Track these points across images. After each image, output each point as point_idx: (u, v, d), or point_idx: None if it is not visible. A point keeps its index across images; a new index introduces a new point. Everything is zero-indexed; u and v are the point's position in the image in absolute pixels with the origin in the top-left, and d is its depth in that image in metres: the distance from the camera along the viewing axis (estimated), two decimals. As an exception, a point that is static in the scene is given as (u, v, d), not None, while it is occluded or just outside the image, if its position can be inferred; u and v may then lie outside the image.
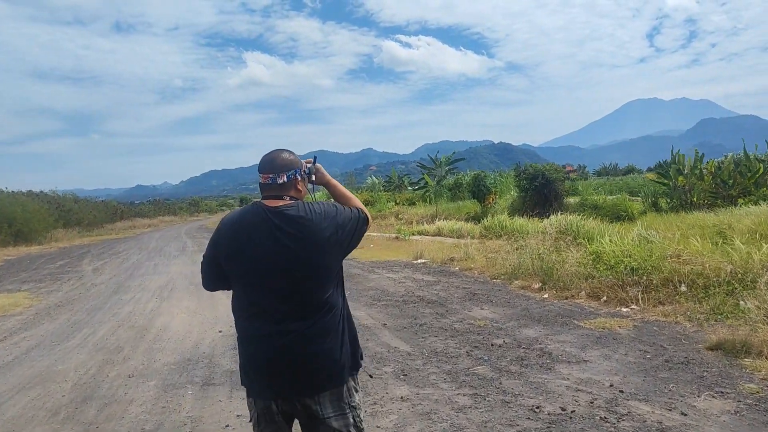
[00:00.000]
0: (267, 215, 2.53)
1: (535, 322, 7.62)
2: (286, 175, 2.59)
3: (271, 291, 2.50)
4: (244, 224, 2.57)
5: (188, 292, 12.18)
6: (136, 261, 20.19)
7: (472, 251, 14.28)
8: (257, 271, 2.51)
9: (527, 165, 25.86)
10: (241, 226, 2.57)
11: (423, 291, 10.36)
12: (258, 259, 2.50)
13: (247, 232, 2.53)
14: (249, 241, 2.52)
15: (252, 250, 2.51)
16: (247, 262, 2.52)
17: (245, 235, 2.54)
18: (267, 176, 2.59)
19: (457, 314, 8.28)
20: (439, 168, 49.66)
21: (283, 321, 2.49)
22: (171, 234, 39.73)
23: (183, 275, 15.23)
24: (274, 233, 2.49)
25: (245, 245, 2.52)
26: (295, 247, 2.48)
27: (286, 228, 2.49)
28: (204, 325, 8.76)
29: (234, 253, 2.56)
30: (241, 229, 2.56)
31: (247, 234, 2.53)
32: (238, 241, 2.55)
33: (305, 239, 2.49)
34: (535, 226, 18.00)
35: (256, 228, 2.52)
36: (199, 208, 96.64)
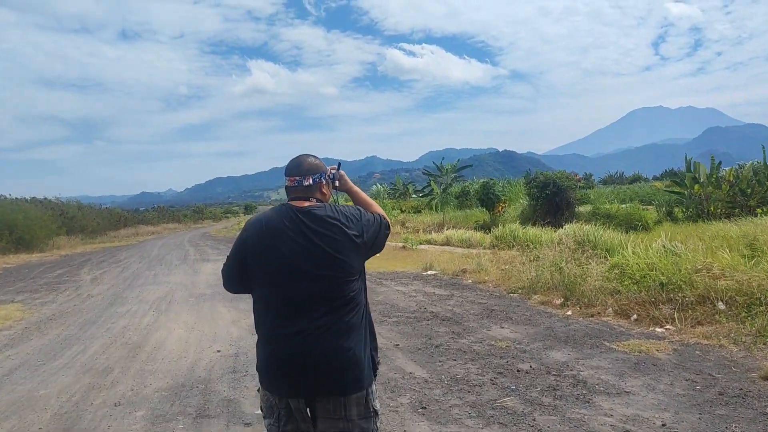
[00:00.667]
0: (296, 214, 2.62)
1: (562, 343, 6.97)
2: (312, 178, 2.71)
3: (298, 288, 2.55)
4: (272, 223, 2.64)
5: (187, 304, 11.56)
6: (136, 270, 19.60)
7: (485, 263, 13.64)
8: (285, 268, 2.56)
9: (538, 173, 25.23)
10: (269, 225, 2.64)
11: (436, 306, 9.72)
12: (286, 256, 2.56)
13: (275, 231, 2.61)
14: (277, 239, 2.59)
15: (280, 247, 2.57)
16: (275, 259, 2.57)
17: (273, 233, 2.61)
18: (293, 179, 2.71)
19: (475, 333, 7.64)
20: (444, 175, 49.15)
21: (310, 318, 2.53)
22: (174, 242, 39.17)
23: (183, 286, 14.62)
24: (302, 231, 2.58)
25: (273, 243, 2.59)
26: (322, 244, 2.56)
27: (314, 226, 2.59)
28: (202, 342, 8.14)
29: (262, 251, 2.62)
30: (269, 228, 2.63)
31: (276, 233, 2.60)
32: (266, 240, 2.62)
33: (332, 237, 2.58)
34: (549, 236, 17.38)
35: (284, 227, 2.60)
36: (203, 216, 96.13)
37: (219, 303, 11.57)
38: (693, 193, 23.15)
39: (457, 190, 38.80)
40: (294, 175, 2.72)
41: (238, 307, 10.91)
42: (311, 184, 2.71)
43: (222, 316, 10.09)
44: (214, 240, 37.85)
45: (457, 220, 29.47)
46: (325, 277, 2.56)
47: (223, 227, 58.80)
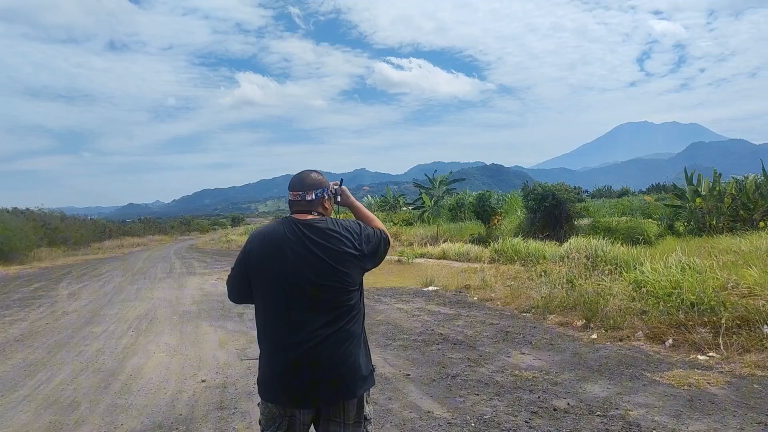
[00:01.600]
0: (298, 227, 2.68)
1: (596, 373, 6.12)
2: (314, 193, 2.78)
3: (300, 298, 2.61)
4: (276, 236, 2.70)
5: (170, 323, 10.63)
6: (117, 284, 18.60)
7: (490, 278, 12.80)
8: (287, 279, 2.61)
9: (536, 184, 24.49)
10: (273, 237, 2.70)
11: (444, 327, 8.86)
12: (288, 267, 2.62)
13: (278, 243, 2.66)
14: (280, 251, 2.64)
15: (283, 259, 2.63)
16: (277, 271, 2.63)
17: (276, 245, 2.66)
18: (297, 193, 2.79)
19: (494, 361, 6.78)
20: (436, 188, 48.46)
21: (311, 326, 2.59)
22: (159, 254, 38.09)
23: (167, 302, 13.67)
24: (304, 243, 2.64)
25: (276, 255, 2.65)
26: (323, 255, 2.62)
27: (315, 238, 2.65)
28: (185, 369, 7.23)
29: (265, 263, 2.67)
30: (272, 240, 2.68)
31: (279, 244, 2.66)
32: (269, 252, 2.67)
33: (333, 249, 2.64)
34: (553, 250, 16.60)
35: (287, 239, 2.66)
36: (190, 228, 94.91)
37: (205, 321, 10.65)
38: (694, 206, 22.48)
39: (450, 202, 38.01)
40: (297, 189, 2.80)
41: (225, 326, 10.00)
42: (314, 199, 2.78)
43: (208, 338, 9.18)
44: (201, 253, 36.82)
45: (451, 232, 28.66)
46: (326, 288, 2.62)
47: (210, 239, 57.68)
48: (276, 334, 2.65)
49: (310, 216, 2.75)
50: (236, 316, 11.06)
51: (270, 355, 2.68)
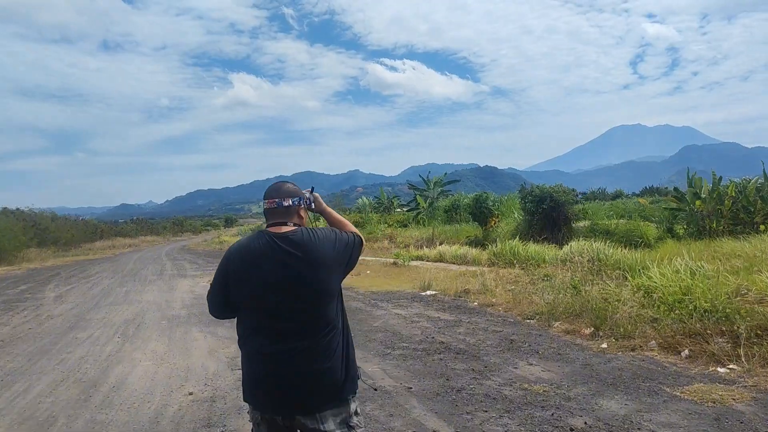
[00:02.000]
0: (274, 241, 2.67)
1: (610, 387, 5.72)
2: (291, 200, 2.78)
3: (278, 311, 2.63)
4: (251, 250, 2.69)
5: (159, 329, 10.20)
6: (106, 286, 18.14)
7: (490, 282, 12.41)
8: (265, 292, 2.62)
9: (534, 186, 24.11)
10: (249, 252, 2.69)
11: (445, 335, 8.45)
12: (266, 281, 2.62)
13: (255, 257, 2.66)
14: (256, 265, 2.65)
15: (260, 273, 2.63)
16: (256, 284, 2.64)
17: (253, 260, 2.66)
18: (273, 201, 2.78)
19: (500, 372, 6.37)
20: (431, 189, 48.08)
21: (289, 339, 2.62)
22: (150, 255, 37.60)
23: (156, 305, 13.23)
24: (281, 257, 2.63)
25: (253, 269, 2.65)
26: (300, 269, 2.62)
27: (292, 251, 2.63)
28: (172, 379, 6.81)
29: (243, 277, 2.67)
30: (248, 255, 2.68)
31: (255, 259, 2.65)
32: (246, 266, 2.67)
33: (309, 261, 2.63)
34: (553, 254, 16.23)
35: (263, 253, 2.65)
36: (183, 228, 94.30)
37: (195, 327, 10.22)
38: (694, 209, 22.17)
39: (446, 203, 37.61)
40: (273, 197, 2.78)
41: (216, 333, 9.58)
42: (290, 205, 2.78)
43: (197, 344, 8.76)
44: (193, 254, 36.34)
45: (446, 234, 28.25)
46: (303, 300, 2.63)
47: (202, 240, 57.19)
48: (255, 343, 2.68)
49: (285, 228, 2.73)
50: (228, 322, 10.61)
51: (250, 362, 2.72)
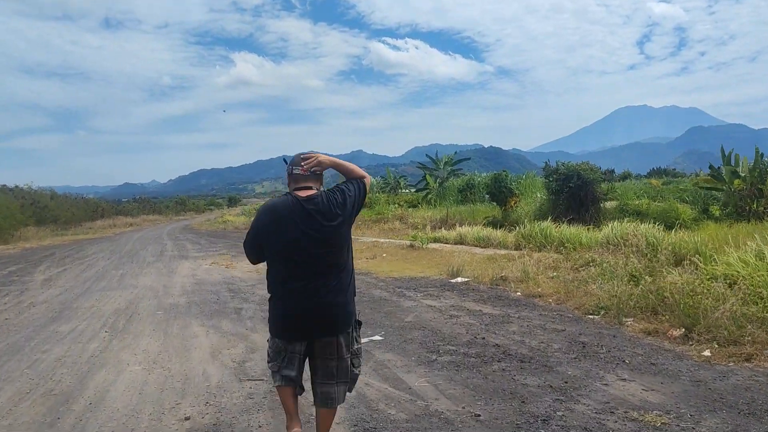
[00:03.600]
0: (299, 203, 3.48)
1: (749, 418, 4.26)
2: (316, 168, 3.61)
3: (302, 258, 3.45)
4: (281, 209, 3.50)
5: (153, 321, 8.77)
6: (101, 269, 16.72)
7: (531, 269, 10.94)
8: (292, 243, 3.44)
9: (559, 164, 22.56)
10: (278, 210, 3.51)
11: (496, 334, 7.00)
12: (292, 234, 3.43)
13: (283, 215, 3.47)
14: (285, 221, 3.46)
15: (287, 228, 3.45)
16: (284, 237, 3.45)
17: (282, 217, 3.47)
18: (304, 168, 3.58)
19: (588, 391, 4.92)
20: (441, 168, 46.51)
21: (310, 279, 3.46)
22: (151, 235, 36.19)
23: (153, 292, 11.80)
24: (304, 214, 3.45)
25: (282, 225, 3.46)
26: (319, 225, 3.44)
27: (312, 210, 3.46)
28: (164, 393, 5.37)
29: (273, 230, 3.50)
30: (278, 213, 3.50)
31: (284, 216, 3.47)
32: (276, 222, 3.49)
33: (327, 219, 3.46)
34: (591, 236, 14.74)
35: (291, 212, 3.47)
36: (185, 208, 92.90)
37: (195, 319, 8.79)
38: (732, 188, 20.64)
39: (459, 183, 36.08)
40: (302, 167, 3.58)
41: (219, 327, 8.14)
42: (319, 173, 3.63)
43: (197, 343, 7.33)
44: (196, 234, 34.91)
45: (462, 215, 26.75)
46: (322, 249, 3.46)
47: (205, 220, 55.68)
48: (284, 284, 3.51)
49: (309, 192, 3.53)
50: (233, 312, 9.20)
51: (278, 299, 3.58)
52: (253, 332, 7.79)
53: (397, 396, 4.93)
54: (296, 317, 3.49)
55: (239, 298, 10.58)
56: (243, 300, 10.31)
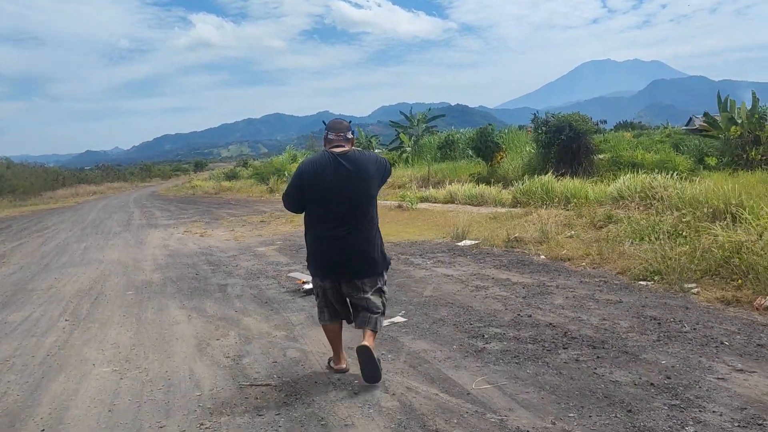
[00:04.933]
0: (335, 158, 4.13)
1: None
2: (350, 132, 4.31)
3: (336, 207, 4.10)
4: (321, 162, 4.14)
5: (123, 304, 7.44)
6: (62, 241, 15.22)
7: (550, 228, 9.77)
8: (328, 193, 4.08)
9: (549, 115, 21.38)
10: (319, 163, 4.14)
11: (542, 310, 5.81)
12: (329, 185, 4.07)
13: (322, 169, 4.11)
14: (323, 174, 4.09)
15: (325, 180, 4.07)
16: (322, 188, 4.09)
17: (320, 170, 4.10)
18: (339, 134, 4.25)
19: (707, 391, 3.72)
20: (415, 126, 45.09)
21: (343, 227, 4.10)
22: (117, 203, 34.42)
23: (121, 267, 10.44)
24: (340, 167, 4.09)
25: (321, 177, 4.09)
26: (352, 177, 4.09)
27: (348, 165, 4.10)
28: (143, 409, 4.09)
29: (313, 182, 4.12)
30: (316, 166, 4.15)
31: (322, 170, 4.10)
32: (315, 174, 4.12)
33: (359, 173, 4.11)
34: (598, 191, 13.65)
35: (328, 166, 4.11)
36: (151, 174, 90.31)
37: (173, 300, 7.48)
38: (729, 136, 19.70)
39: (438, 139, 34.81)
40: (338, 131, 4.25)
41: (203, 310, 6.85)
42: (351, 137, 4.29)
43: (179, 332, 6.04)
44: (163, 200, 33.21)
45: (443, 173, 25.55)
46: (355, 199, 4.11)
47: (172, 185, 53.71)
48: (320, 228, 4.17)
49: (342, 149, 4.19)
50: (217, 290, 7.90)
51: (316, 242, 4.21)
52: (245, 315, 6.51)
53: (456, 406, 3.72)
54: (329, 258, 4.15)
55: (222, 272, 9.26)
56: (226, 274, 9.00)
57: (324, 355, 4.89)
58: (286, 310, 6.60)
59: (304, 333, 5.65)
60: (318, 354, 4.96)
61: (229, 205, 25.30)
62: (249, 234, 13.95)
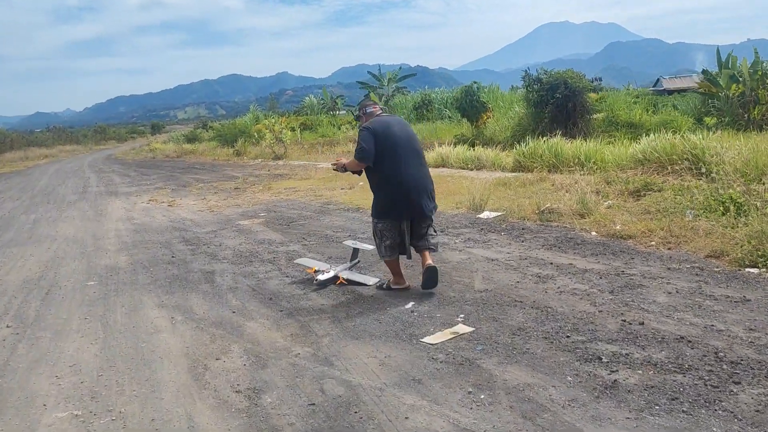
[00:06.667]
0: (397, 117, 5.69)
1: None
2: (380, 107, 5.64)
3: (405, 155, 5.10)
4: (386, 121, 5.24)
5: (84, 301, 5.84)
6: (6, 213, 13.38)
7: (590, 198, 8.35)
8: (399, 142, 5.10)
9: (542, 71, 19.92)
10: (384, 122, 5.21)
11: (651, 314, 4.36)
12: (398, 137, 5.12)
13: (390, 125, 5.19)
14: (392, 129, 5.16)
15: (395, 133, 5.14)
16: (393, 139, 5.08)
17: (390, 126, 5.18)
18: (376, 105, 5.51)
19: None
20: (385, 86, 43.35)
21: (412, 171, 5.10)
22: (71, 167, 32.13)
23: (78, 245, 8.78)
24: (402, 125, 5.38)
25: (391, 131, 5.12)
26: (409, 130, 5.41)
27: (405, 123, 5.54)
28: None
29: (387, 134, 5.08)
30: (386, 124, 5.18)
31: (391, 126, 5.19)
32: (387, 131, 5.11)
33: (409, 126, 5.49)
34: (618, 153, 12.30)
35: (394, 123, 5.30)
36: (106, 136, 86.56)
37: (148, 295, 5.90)
38: (730, 95, 18.52)
39: (415, 99, 33.21)
40: (375, 104, 5.58)
41: (189, 309, 5.29)
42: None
43: (162, 345, 4.49)
44: (122, 164, 31.03)
45: (421, 134, 23.99)
46: (416, 149, 5.28)
47: (130, 149, 50.97)
48: (395, 172, 5.03)
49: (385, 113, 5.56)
50: (203, 280, 6.33)
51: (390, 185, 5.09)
52: (246, 318, 4.98)
53: None
54: (412, 198, 5.07)
55: (203, 253, 7.66)
56: (210, 257, 7.40)
57: (379, 389, 3.44)
58: (301, 310, 5.08)
59: (337, 350, 4.15)
60: (373, 390, 3.47)
61: (195, 169, 23.40)
62: (224, 203, 12.28)
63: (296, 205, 11.40)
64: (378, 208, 5.20)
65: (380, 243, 5.23)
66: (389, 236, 5.17)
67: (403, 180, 5.00)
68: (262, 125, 27.67)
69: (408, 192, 5.01)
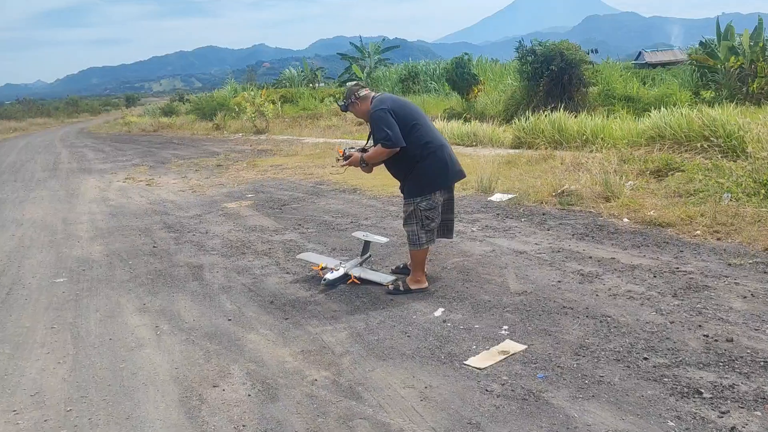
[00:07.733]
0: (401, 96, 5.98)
1: None
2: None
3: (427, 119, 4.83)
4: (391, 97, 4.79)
5: (51, 303, 5.02)
6: (-29, 193, 12.37)
7: (612, 179, 7.62)
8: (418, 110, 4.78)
9: (536, 43, 19.10)
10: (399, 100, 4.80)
11: (734, 326, 3.64)
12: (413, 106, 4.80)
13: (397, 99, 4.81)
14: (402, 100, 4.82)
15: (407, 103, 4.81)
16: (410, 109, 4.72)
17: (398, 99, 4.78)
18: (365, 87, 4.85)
19: None
20: (367, 58, 42.27)
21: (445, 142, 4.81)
22: (41, 141, 30.81)
23: (47, 232, 7.91)
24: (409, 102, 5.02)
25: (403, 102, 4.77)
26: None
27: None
28: None
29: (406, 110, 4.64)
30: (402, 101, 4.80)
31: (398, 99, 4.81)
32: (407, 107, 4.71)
33: None
34: (626, 128, 11.60)
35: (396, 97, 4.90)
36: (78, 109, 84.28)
37: (128, 296, 5.08)
38: (729, 67, 17.91)
39: (400, 71, 32.25)
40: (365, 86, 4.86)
41: (176, 314, 4.49)
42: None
43: (146, 366, 3.71)
44: (96, 139, 29.79)
45: (409, 108, 23.14)
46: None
47: (103, 122, 49.34)
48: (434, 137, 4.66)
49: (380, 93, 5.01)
50: (190, 276, 5.52)
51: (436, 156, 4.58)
52: (246, 328, 4.20)
53: None
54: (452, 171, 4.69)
55: (189, 242, 6.83)
56: (197, 247, 6.58)
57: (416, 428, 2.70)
58: (309, 318, 4.31)
59: (363, 376, 3.39)
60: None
61: (173, 144, 22.35)
62: (207, 182, 11.40)
63: (286, 184, 10.56)
64: (424, 181, 4.57)
65: (422, 228, 4.57)
66: (435, 215, 4.61)
67: (443, 142, 4.72)
68: (241, 97, 26.60)
69: (450, 153, 4.71)
